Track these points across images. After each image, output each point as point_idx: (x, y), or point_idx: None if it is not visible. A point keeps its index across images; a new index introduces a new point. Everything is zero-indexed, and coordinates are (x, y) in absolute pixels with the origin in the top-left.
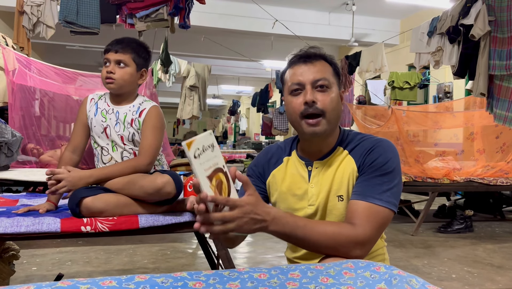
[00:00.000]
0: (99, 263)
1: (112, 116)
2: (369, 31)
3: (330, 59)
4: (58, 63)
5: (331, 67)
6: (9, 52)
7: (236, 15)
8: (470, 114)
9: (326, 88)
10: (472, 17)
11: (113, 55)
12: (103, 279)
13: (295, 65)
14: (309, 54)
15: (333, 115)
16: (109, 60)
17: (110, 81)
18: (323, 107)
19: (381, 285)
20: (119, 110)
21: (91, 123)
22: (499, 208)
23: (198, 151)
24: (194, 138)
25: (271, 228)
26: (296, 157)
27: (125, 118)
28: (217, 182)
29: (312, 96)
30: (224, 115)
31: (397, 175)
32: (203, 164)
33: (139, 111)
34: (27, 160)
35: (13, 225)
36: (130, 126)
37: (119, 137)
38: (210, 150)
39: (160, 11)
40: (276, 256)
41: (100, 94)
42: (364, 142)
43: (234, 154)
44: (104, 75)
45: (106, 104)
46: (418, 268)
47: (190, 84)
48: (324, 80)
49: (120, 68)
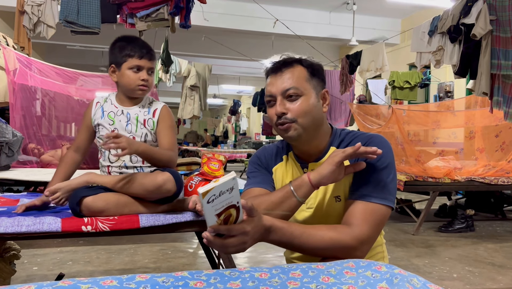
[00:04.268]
0: (100, 263)
1: (122, 118)
2: (370, 31)
3: (306, 62)
4: (59, 63)
5: (307, 70)
6: (9, 52)
7: (236, 14)
8: (471, 114)
9: (296, 97)
10: (473, 16)
11: (147, 62)
12: (104, 279)
13: (269, 76)
14: (280, 63)
15: (307, 120)
16: (143, 67)
17: (144, 89)
18: (294, 116)
19: (382, 285)
20: (129, 112)
21: (97, 127)
22: (500, 207)
23: (213, 197)
24: (212, 186)
25: (267, 239)
26: (292, 158)
27: (137, 119)
28: (225, 217)
29: (281, 108)
30: (224, 115)
31: (392, 169)
32: (216, 205)
33: (151, 112)
34: (28, 159)
35: (14, 225)
36: (143, 126)
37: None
38: (228, 192)
39: (161, 10)
40: (277, 255)
41: (105, 97)
42: (356, 139)
43: (234, 153)
44: (137, 82)
45: (113, 106)
46: (419, 268)
47: (191, 84)
48: (294, 89)
49: (150, 76)
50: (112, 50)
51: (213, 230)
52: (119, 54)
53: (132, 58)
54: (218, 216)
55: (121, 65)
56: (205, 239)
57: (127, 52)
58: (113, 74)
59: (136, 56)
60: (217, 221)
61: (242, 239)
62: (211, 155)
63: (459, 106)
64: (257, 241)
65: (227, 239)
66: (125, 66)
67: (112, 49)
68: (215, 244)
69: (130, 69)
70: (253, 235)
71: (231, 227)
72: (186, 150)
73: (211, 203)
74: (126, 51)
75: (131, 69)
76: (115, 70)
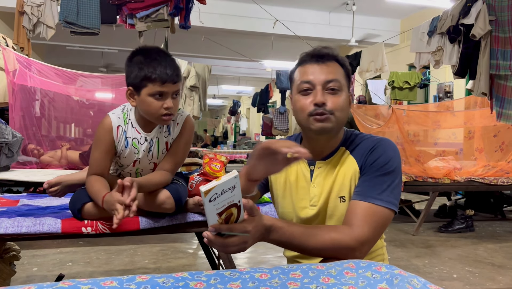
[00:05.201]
0: (100, 264)
1: (145, 146)
2: (370, 31)
3: (342, 61)
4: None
5: (343, 69)
6: (9, 53)
7: (236, 15)
8: (470, 114)
9: (336, 91)
10: (473, 17)
11: (172, 87)
12: (104, 280)
13: (307, 63)
14: (322, 54)
15: (342, 117)
16: (167, 94)
17: (169, 119)
18: (333, 108)
19: (382, 285)
20: (152, 138)
21: (119, 153)
22: (500, 207)
23: (215, 195)
24: (215, 185)
25: (268, 239)
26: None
27: (158, 146)
28: (226, 216)
29: (322, 97)
30: (224, 115)
31: (398, 174)
32: (217, 204)
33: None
34: (28, 160)
35: (14, 226)
36: (165, 150)
37: (151, 164)
38: (230, 191)
39: (161, 11)
40: (277, 256)
41: (124, 116)
42: (365, 142)
43: (234, 154)
44: (161, 111)
45: (135, 131)
46: (419, 268)
47: (191, 85)
48: (336, 82)
49: (174, 99)
50: (129, 67)
51: (214, 229)
52: (138, 76)
53: (153, 84)
54: (220, 215)
55: (140, 90)
56: (206, 239)
57: (147, 74)
58: (131, 99)
59: (158, 81)
60: (218, 220)
61: (243, 238)
62: (213, 156)
63: (459, 106)
64: (257, 241)
65: (228, 239)
66: (145, 92)
67: (129, 66)
68: (215, 243)
69: (151, 96)
70: (254, 234)
71: (233, 226)
72: None
73: (212, 202)
74: (145, 72)
75: (153, 96)
76: (133, 93)
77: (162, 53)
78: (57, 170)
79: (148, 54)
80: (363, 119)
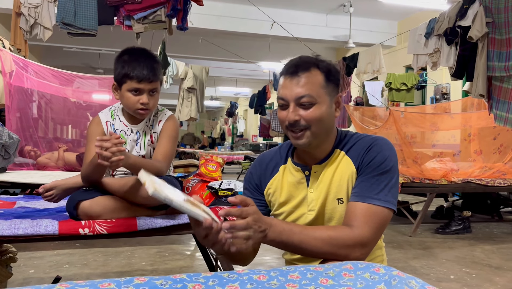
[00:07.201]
0: (97, 265)
1: (132, 137)
2: (367, 33)
3: (324, 65)
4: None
5: (323, 75)
6: (6, 54)
7: (233, 16)
8: (468, 116)
9: (310, 105)
10: (470, 19)
11: (147, 85)
12: (102, 281)
13: (283, 76)
14: (298, 65)
15: (320, 128)
16: (143, 91)
17: (145, 112)
18: (307, 123)
19: (380, 286)
20: (138, 130)
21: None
22: (496, 208)
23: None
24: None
25: (268, 236)
26: (291, 164)
27: (145, 138)
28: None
29: (293, 115)
30: (222, 117)
31: (395, 172)
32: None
33: (156, 124)
34: (25, 162)
35: (11, 227)
36: (151, 143)
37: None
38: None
39: (158, 12)
40: (275, 257)
41: (112, 113)
42: (360, 141)
43: (232, 155)
44: (136, 106)
45: (122, 124)
46: (416, 269)
47: (188, 86)
48: (308, 97)
49: (152, 96)
50: (116, 64)
51: (225, 213)
52: (120, 73)
53: (131, 81)
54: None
55: (121, 85)
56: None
57: (126, 72)
58: (115, 92)
59: (134, 79)
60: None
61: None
62: (209, 157)
63: (456, 108)
64: (259, 237)
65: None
66: (125, 87)
67: (116, 63)
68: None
69: (129, 91)
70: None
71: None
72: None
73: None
74: (126, 70)
75: (130, 92)
76: (117, 88)
77: (145, 54)
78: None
79: (132, 54)
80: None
